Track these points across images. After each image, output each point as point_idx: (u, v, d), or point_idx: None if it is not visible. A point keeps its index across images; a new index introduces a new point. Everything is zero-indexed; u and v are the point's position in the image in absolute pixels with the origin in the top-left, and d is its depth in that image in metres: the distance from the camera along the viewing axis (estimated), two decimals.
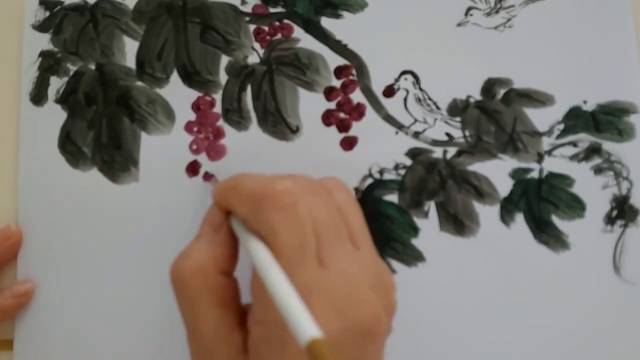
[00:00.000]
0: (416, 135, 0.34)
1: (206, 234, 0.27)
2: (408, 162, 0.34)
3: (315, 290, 0.24)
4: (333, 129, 0.34)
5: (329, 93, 0.35)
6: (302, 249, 0.24)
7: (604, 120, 0.34)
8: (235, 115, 0.35)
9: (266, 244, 0.24)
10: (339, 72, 0.35)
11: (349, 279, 0.25)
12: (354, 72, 0.35)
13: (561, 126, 0.34)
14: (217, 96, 0.35)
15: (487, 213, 0.33)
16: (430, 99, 0.34)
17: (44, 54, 0.36)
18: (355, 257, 0.26)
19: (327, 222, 0.26)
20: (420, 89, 0.35)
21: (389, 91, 0.35)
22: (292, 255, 0.24)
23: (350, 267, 0.25)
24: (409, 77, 0.35)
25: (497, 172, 0.34)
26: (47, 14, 0.36)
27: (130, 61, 0.36)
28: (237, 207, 0.26)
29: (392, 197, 0.34)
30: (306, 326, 0.20)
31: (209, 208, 0.29)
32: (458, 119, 0.34)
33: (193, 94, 0.35)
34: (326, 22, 0.35)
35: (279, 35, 0.35)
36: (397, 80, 0.35)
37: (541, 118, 0.34)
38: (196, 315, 0.26)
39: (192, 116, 0.35)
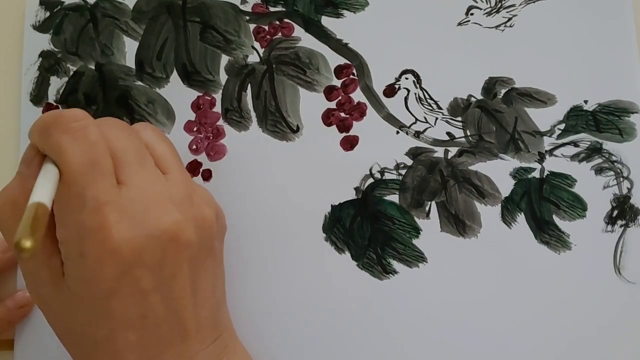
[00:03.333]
0: (417, 134, 0.34)
1: (19, 171, 0.27)
2: (409, 161, 0.34)
3: (110, 202, 0.24)
4: (333, 128, 0.34)
5: (329, 92, 0.35)
6: (93, 165, 0.24)
7: (604, 120, 0.34)
8: (235, 115, 0.35)
9: (57, 166, 0.25)
10: (340, 71, 0.35)
11: (149, 195, 0.26)
12: (354, 71, 0.35)
13: (562, 126, 0.34)
14: (217, 96, 0.35)
15: (488, 213, 0.33)
16: (431, 98, 0.34)
17: (44, 54, 0.36)
18: (160, 179, 0.27)
19: (127, 149, 0.26)
20: (421, 89, 0.34)
21: (390, 90, 0.35)
22: (81, 171, 0.24)
23: (152, 186, 0.26)
24: (410, 76, 0.35)
25: (499, 172, 0.34)
26: (48, 14, 0.36)
27: (130, 61, 0.36)
28: (32, 137, 0.26)
29: (393, 197, 0.34)
30: (37, 194, 0.22)
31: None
32: (459, 118, 0.34)
33: (193, 94, 0.35)
34: (327, 21, 0.35)
35: (279, 35, 0.35)
36: (397, 79, 0.35)
37: (542, 117, 0.34)
38: None
39: (191, 116, 0.35)
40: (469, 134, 0.34)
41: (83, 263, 0.24)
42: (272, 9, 0.35)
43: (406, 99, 0.34)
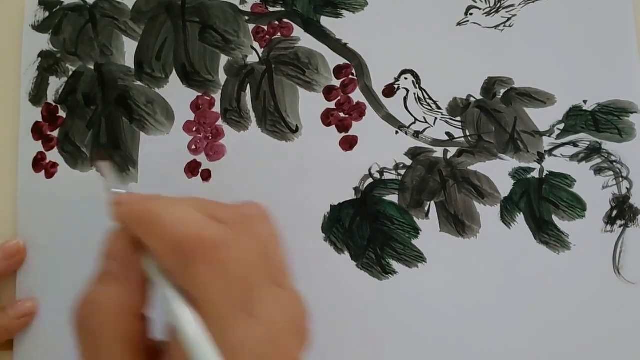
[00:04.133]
0: (416, 134, 0.34)
1: (113, 271, 0.24)
2: (408, 162, 0.34)
3: (245, 347, 0.22)
4: (333, 128, 0.34)
5: (329, 92, 0.35)
6: (232, 305, 0.22)
7: (604, 120, 0.34)
8: (234, 115, 0.35)
9: (193, 300, 0.23)
10: (339, 71, 0.35)
11: (275, 328, 0.24)
12: (353, 71, 0.35)
13: (561, 126, 0.34)
14: (217, 96, 0.35)
15: (487, 213, 0.33)
16: (430, 98, 0.34)
17: (43, 54, 0.36)
18: (280, 300, 0.25)
19: (256, 267, 0.24)
20: (421, 89, 0.34)
21: (389, 91, 0.35)
22: (222, 314, 0.22)
23: (276, 314, 0.24)
24: (409, 76, 0.35)
25: (498, 172, 0.34)
26: (47, 14, 0.36)
27: (129, 61, 0.36)
28: (158, 253, 0.23)
29: (393, 197, 0.34)
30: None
31: (110, 234, 0.25)
32: (458, 118, 0.34)
33: (192, 94, 0.35)
34: (326, 22, 0.35)
35: (278, 35, 0.35)
36: (397, 79, 0.35)
37: (541, 117, 0.34)
38: None
39: (191, 116, 0.35)
40: (468, 134, 0.34)
41: None
42: (271, 9, 0.35)
43: (405, 99, 0.34)
